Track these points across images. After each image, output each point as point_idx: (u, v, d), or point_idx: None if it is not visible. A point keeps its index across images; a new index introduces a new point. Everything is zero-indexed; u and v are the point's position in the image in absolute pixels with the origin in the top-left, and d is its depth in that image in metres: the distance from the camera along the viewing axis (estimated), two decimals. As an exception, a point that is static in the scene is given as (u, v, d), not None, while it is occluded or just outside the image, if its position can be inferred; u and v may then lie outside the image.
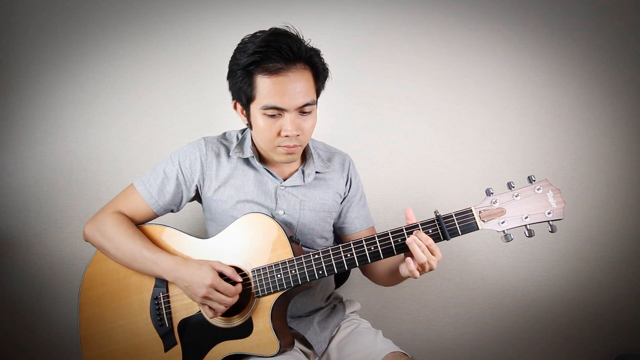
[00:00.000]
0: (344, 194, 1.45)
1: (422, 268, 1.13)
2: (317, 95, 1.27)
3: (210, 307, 1.21)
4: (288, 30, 1.20)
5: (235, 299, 1.20)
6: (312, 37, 1.24)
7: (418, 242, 1.11)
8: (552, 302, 1.95)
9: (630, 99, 1.96)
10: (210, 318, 1.23)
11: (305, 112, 1.22)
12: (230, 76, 1.25)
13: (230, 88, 1.28)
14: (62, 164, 1.76)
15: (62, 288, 1.75)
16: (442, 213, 1.15)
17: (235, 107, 1.31)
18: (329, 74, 1.28)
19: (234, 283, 1.22)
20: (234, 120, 1.81)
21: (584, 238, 1.92)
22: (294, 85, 1.17)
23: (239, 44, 1.24)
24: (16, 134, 1.74)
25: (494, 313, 1.94)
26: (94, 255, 1.35)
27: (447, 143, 1.92)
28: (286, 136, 1.22)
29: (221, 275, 1.22)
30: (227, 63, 1.81)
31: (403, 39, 1.90)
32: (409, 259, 1.13)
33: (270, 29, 1.21)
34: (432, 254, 1.12)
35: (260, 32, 1.22)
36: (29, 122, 1.74)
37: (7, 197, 1.73)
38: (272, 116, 1.20)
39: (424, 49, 1.91)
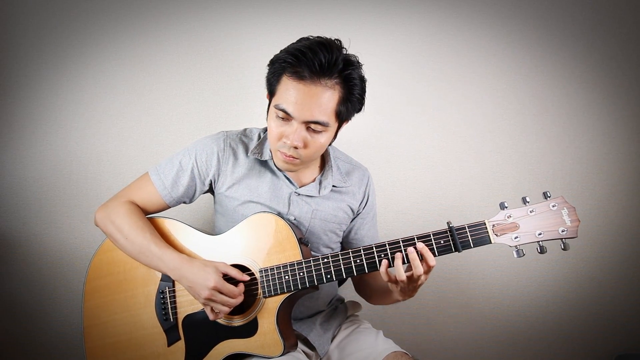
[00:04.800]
0: (358, 210, 1.43)
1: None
2: (339, 119, 1.22)
3: (212, 309, 1.21)
4: (334, 43, 1.18)
5: (239, 300, 1.20)
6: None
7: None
8: (552, 302, 1.95)
9: (630, 99, 1.96)
10: (212, 320, 1.23)
11: (314, 130, 1.19)
12: (269, 66, 1.24)
13: (266, 77, 1.25)
14: (62, 164, 1.76)
15: (62, 288, 1.75)
16: (455, 224, 1.15)
17: (267, 97, 1.28)
18: (363, 107, 1.25)
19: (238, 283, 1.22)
20: (234, 121, 1.82)
21: (584, 238, 1.91)
22: (311, 98, 1.15)
23: (296, 40, 1.22)
24: (16, 133, 1.74)
25: (494, 313, 1.94)
26: (101, 244, 1.35)
27: (446, 142, 1.92)
28: (285, 142, 1.20)
29: (226, 276, 1.21)
30: (227, 63, 1.83)
31: (404, 40, 1.90)
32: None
33: (321, 38, 1.19)
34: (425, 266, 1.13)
35: (318, 36, 1.19)
36: (29, 122, 1.74)
37: (7, 197, 1.73)
38: (282, 118, 1.19)
39: (423, 49, 1.91)
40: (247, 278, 1.22)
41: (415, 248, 1.13)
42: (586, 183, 1.94)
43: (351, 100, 1.21)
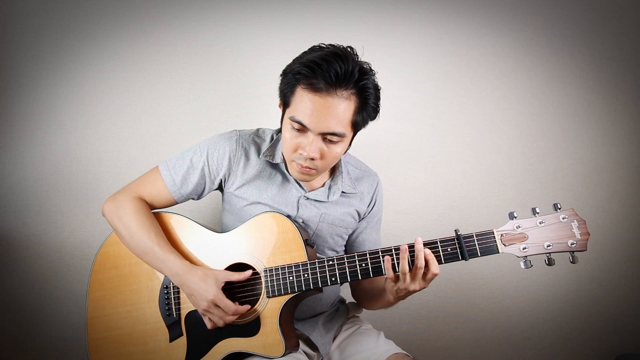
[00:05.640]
0: (364, 214, 1.43)
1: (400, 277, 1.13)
2: (355, 128, 1.23)
3: (210, 319, 1.22)
4: (349, 53, 1.17)
5: (234, 318, 1.20)
6: (313, 37, 1.23)
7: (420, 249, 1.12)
8: (552, 302, 1.95)
9: (630, 99, 1.97)
10: (209, 328, 1.23)
11: (330, 141, 1.19)
12: (282, 77, 1.23)
13: (279, 86, 1.25)
14: (62, 164, 1.76)
15: (62, 288, 1.75)
16: (462, 231, 1.14)
17: (280, 106, 1.28)
18: (378, 116, 1.26)
19: (240, 286, 1.23)
20: (234, 121, 1.82)
21: (584, 238, 1.92)
22: (327, 110, 1.14)
23: (308, 49, 1.22)
24: (16, 133, 1.74)
25: (494, 313, 1.94)
26: (108, 236, 1.35)
27: (446, 142, 1.92)
28: (301, 154, 1.20)
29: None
30: (228, 63, 1.83)
31: (404, 40, 1.90)
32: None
33: (334, 46, 1.18)
34: (423, 276, 1.13)
35: (331, 45, 1.19)
36: (29, 122, 1.74)
37: (7, 197, 1.73)
38: (297, 130, 1.19)
39: (423, 49, 1.91)
40: (248, 274, 1.22)
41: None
42: (586, 183, 1.95)
43: (367, 110, 1.21)
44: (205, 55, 1.82)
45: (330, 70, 1.12)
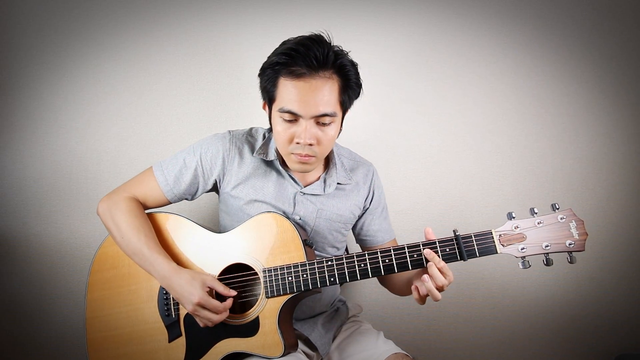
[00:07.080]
0: (364, 207, 1.43)
1: (439, 290, 1.14)
2: (343, 108, 1.24)
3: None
4: (323, 37, 1.19)
5: (223, 317, 1.20)
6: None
7: (438, 266, 1.12)
8: (552, 302, 1.95)
9: (630, 99, 1.97)
10: (202, 327, 1.24)
11: (323, 123, 1.19)
12: (260, 74, 1.24)
13: (260, 87, 1.26)
14: (62, 164, 1.76)
15: (62, 288, 1.75)
16: (460, 232, 1.15)
17: (264, 107, 1.29)
18: (361, 92, 1.26)
19: (239, 286, 1.23)
20: (234, 121, 1.82)
21: (584, 238, 1.92)
22: (314, 93, 1.15)
23: (278, 46, 1.23)
24: (16, 133, 1.74)
25: (494, 313, 1.94)
26: (107, 236, 1.36)
27: (446, 142, 1.92)
28: (297, 143, 1.20)
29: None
30: (228, 63, 1.83)
31: (404, 40, 1.90)
32: (426, 276, 1.13)
33: (306, 35, 1.20)
34: (444, 277, 1.14)
35: (301, 36, 1.21)
36: (29, 122, 1.74)
37: (7, 197, 1.73)
38: (289, 121, 1.19)
39: (423, 49, 1.91)
40: (233, 294, 1.22)
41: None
42: (586, 183, 1.95)
43: (350, 87, 1.22)
44: (205, 55, 1.82)
45: (310, 53, 1.14)
